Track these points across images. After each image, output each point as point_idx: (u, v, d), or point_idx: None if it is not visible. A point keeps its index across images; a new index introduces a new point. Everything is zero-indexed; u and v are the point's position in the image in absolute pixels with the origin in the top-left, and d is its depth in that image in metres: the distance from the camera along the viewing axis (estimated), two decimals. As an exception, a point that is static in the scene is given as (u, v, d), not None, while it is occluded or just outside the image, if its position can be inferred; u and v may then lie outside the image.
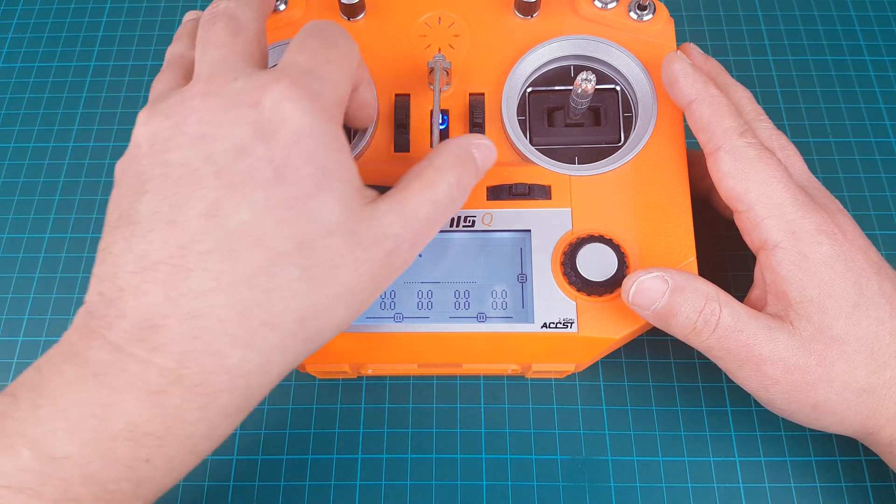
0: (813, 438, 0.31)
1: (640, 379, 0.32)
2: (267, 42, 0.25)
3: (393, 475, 0.31)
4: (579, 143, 0.29)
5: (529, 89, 0.30)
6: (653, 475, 0.30)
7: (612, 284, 0.26)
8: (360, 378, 0.33)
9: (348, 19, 0.31)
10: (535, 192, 0.28)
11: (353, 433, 0.32)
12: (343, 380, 0.33)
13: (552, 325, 0.26)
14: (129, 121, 0.39)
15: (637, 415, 0.31)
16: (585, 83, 0.27)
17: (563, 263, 0.26)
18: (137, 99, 0.40)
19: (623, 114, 0.29)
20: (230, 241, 0.19)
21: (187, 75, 0.24)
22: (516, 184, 0.28)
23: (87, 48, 0.42)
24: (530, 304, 0.27)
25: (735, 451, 0.31)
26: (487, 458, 0.31)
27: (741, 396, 0.32)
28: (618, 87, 0.30)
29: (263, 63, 0.24)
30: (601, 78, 0.30)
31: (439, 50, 0.30)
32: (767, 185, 0.24)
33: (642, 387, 0.32)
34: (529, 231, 0.27)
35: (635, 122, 0.29)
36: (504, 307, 0.27)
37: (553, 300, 0.26)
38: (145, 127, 0.21)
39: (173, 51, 0.26)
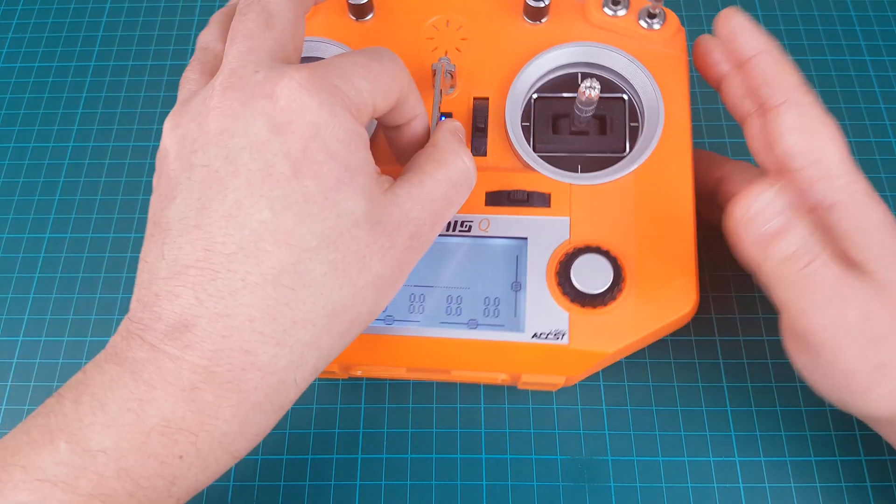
0: (813, 439, 0.31)
1: (640, 379, 0.32)
2: (303, 38, 0.24)
3: (393, 475, 0.31)
4: (583, 152, 0.29)
5: (535, 95, 0.30)
6: (653, 475, 0.30)
7: (607, 297, 0.25)
8: (360, 378, 0.33)
9: (356, 20, 0.31)
10: (534, 200, 0.27)
11: (353, 433, 0.32)
12: (343, 380, 0.33)
13: (543, 336, 0.26)
14: (130, 121, 0.39)
15: (637, 415, 0.31)
16: (589, 90, 0.27)
17: (557, 273, 0.26)
18: (137, 99, 0.40)
19: (630, 124, 0.29)
20: (253, 241, 0.19)
21: (214, 72, 0.24)
22: (515, 190, 0.27)
23: (86, 48, 0.42)
24: (522, 314, 0.26)
25: (735, 451, 0.31)
26: (487, 457, 0.31)
27: (741, 396, 0.32)
28: (625, 96, 0.29)
29: (296, 60, 0.23)
30: (609, 86, 0.30)
31: (446, 53, 0.30)
32: (829, 146, 0.24)
33: (642, 387, 0.32)
34: (526, 239, 0.27)
35: (641, 132, 0.29)
36: (496, 315, 0.26)
37: (546, 310, 0.26)
38: (172, 132, 0.21)
39: (203, 39, 0.26)
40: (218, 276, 0.19)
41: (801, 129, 0.24)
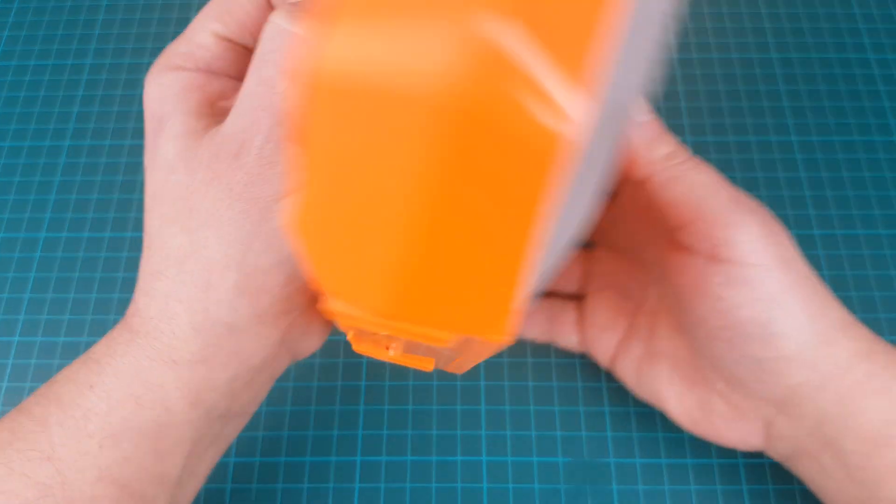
0: (817, 440, 0.31)
1: (642, 380, 0.32)
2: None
3: (392, 478, 0.30)
4: None
5: None
6: (655, 478, 0.30)
7: None
8: (358, 379, 0.32)
9: None
10: None
11: (352, 435, 0.31)
12: (342, 381, 0.32)
13: None
14: (126, 119, 0.39)
15: (639, 417, 0.31)
16: None
17: None
18: (134, 97, 0.40)
19: None
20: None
21: None
22: None
23: (83, 46, 0.41)
24: None
25: (738, 452, 0.30)
26: (488, 460, 0.31)
27: (744, 398, 0.31)
28: None
29: None
30: None
31: None
32: None
33: (644, 388, 0.32)
34: None
35: None
36: None
37: None
38: None
39: None
40: None
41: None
